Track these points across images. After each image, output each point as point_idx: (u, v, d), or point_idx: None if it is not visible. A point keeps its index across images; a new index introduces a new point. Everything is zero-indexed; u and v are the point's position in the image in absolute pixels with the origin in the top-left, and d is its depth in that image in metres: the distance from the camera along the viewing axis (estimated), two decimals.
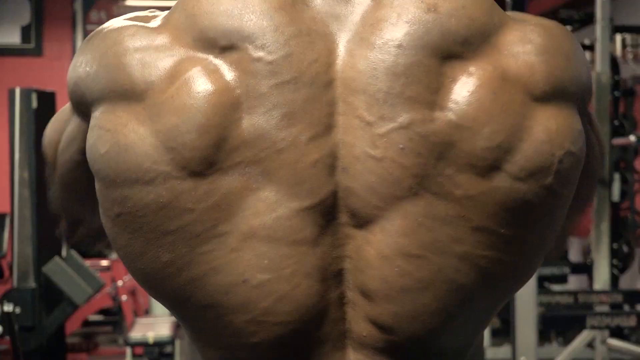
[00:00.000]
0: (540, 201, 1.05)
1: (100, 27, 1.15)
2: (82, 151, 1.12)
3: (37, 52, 9.28)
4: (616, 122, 6.82)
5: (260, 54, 1.03)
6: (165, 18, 1.10)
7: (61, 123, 1.23)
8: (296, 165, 1.01)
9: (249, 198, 1.02)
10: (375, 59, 1.04)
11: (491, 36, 1.07)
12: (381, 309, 1.04)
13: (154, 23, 1.10)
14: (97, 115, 1.07)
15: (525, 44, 1.07)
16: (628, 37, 7.62)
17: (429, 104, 1.02)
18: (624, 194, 7.09)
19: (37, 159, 6.06)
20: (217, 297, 1.04)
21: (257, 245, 1.02)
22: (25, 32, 9.29)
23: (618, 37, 7.52)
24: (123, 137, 1.04)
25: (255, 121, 1.02)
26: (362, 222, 1.03)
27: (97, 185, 1.09)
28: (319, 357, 1.06)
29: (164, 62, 1.05)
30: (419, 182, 1.02)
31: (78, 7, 9.32)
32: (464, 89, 1.03)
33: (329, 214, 1.03)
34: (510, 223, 1.04)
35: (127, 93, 1.05)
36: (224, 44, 1.04)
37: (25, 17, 9.29)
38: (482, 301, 1.08)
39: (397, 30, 1.05)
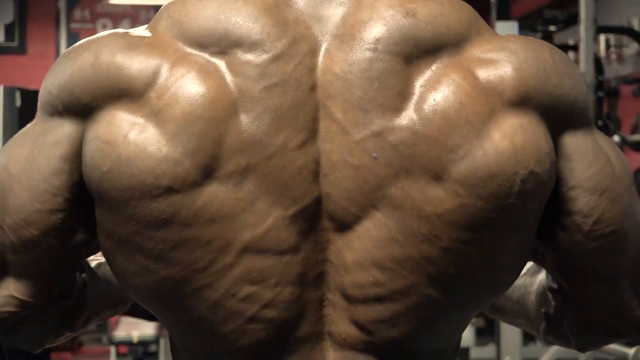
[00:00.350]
0: (504, 220, 1.06)
1: (86, 39, 1.13)
2: (66, 158, 1.09)
3: (21, 50, 9.26)
4: (600, 123, 6.83)
5: (249, 57, 1.03)
6: (151, 27, 1.10)
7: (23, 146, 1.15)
8: (283, 172, 1.03)
9: (242, 209, 1.03)
10: (352, 62, 1.04)
11: (465, 45, 1.07)
12: (360, 312, 1.07)
13: (141, 32, 1.10)
14: (95, 125, 1.06)
15: (499, 52, 1.07)
16: (612, 37, 7.66)
17: (399, 112, 1.03)
18: None
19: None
20: (206, 312, 1.06)
21: (249, 259, 1.04)
22: (9, 30, 9.28)
23: (602, 38, 7.56)
24: (124, 150, 1.03)
25: (248, 127, 1.02)
26: (341, 227, 1.05)
27: (99, 209, 1.08)
28: (299, 357, 1.09)
29: (159, 65, 1.04)
30: (392, 194, 1.03)
31: (62, 5, 9.30)
32: (432, 97, 1.03)
33: (312, 219, 1.05)
34: (478, 242, 1.05)
35: (126, 95, 1.04)
36: (213, 48, 1.04)
37: (9, 15, 9.27)
38: (456, 312, 1.12)
39: (373, 34, 1.05)
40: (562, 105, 1.09)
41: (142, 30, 1.11)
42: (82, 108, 1.07)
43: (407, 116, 1.03)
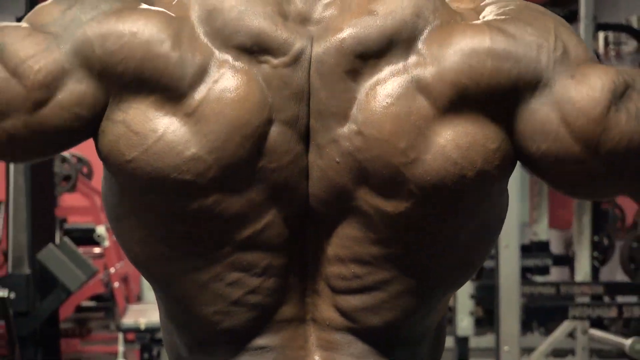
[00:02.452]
0: (464, 211, 1.08)
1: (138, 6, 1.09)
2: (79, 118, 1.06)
3: None
4: None
5: (275, 62, 1.04)
6: (182, 13, 1.08)
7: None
8: (290, 176, 1.05)
9: (248, 209, 1.05)
10: (321, 71, 1.05)
11: (417, 42, 1.06)
12: (343, 301, 1.09)
13: (175, 18, 1.07)
14: (125, 108, 1.05)
15: (441, 48, 1.05)
16: (610, 35, 7.65)
17: (350, 118, 1.04)
18: None
19: None
20: (193, 291, 1.09)
21: (243, 252, 1.07)
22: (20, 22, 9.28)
23: (601, 35, 7.55)
24: (154, 145, 1.03)
25: (273, 134, 1.04)
26: (322, 224, 1.08)
27: (116, 186, 1.09)
28: (283, 338, 1.10)
29: (201, 67, 1.04)
30: (357, 196, 1.05)
31: None
32: (383, 102, 1.03)
33: (301, 217, 1.07)
34: (443, 234, 1.08)
35: (168, 91, 1.03)
36: (235, 45, 1.04)
37: (21, 8, 9.27)
38: (435, 298, 1.13)
39: (338, 39, 1.05)
40: (504, 89, 1.05)
41: (173, 13, 1.08)
42: (119, 84, 1.05)
43: (359, 122, 1.04)
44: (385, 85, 1.04)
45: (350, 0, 1.07)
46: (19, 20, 7.63)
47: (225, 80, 1.03)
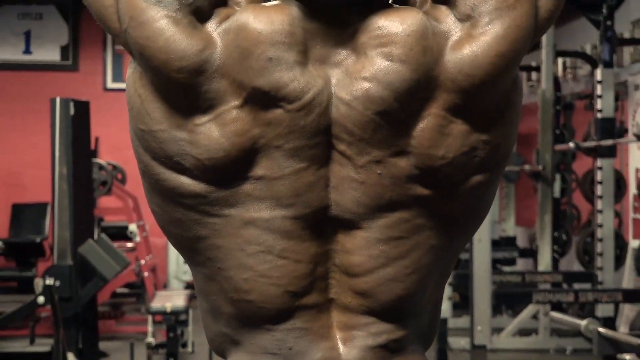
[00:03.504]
0: (472, 204, 1.13)
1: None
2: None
3: (74, 67, 9.26)
4: (558, 131, 6.83)
5: (289, 106, 1.05)
6: (221, 32, 1.08)
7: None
8: (295, 184, 1.07)
9: (252, 200, 1.08)
10: (351, 110, 1.06)
11: (433, 72, 1.06)
12: (362, 282, 1.09)
13: (215, 22, 1.08)
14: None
15: (460, 73, 1.07)
16: (568, 60, 7.65)
17: (392, 145, 1.06)
18: (563, 191, 7.11)
19: (74, 157, 6.06)
20: (220, 255, 1.11)
21: (253, 231, 1.08)
22: (64, 51, 9.27)
23: (560, 60, 7.55)
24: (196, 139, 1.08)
25: (267, 157, 1.06)
26: (348, 226, 1.09)
27: (156, 193, 1.13)
28: (308, 319, 1.10)
29: (228, 102, 1.06)
30: (394, 196, 1.08)
31: None
32: (424, 129, 1.07)
33: (321, 220, 1.08)
34: (450, 223, 1.12)
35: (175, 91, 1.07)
36: (259, 88, 1.04)
37: (64, 39, 9.27)
38: (441, 270, 1.16)
39: (366, 82, 1.05)
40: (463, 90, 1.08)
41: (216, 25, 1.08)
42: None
43: (404, 144, 1.07)
44: (425, 118, 1.07)
45: (363, 44, 1.07)
46: (63, 50, 7.48)
47: (227, 115, 1.05)
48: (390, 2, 1.11)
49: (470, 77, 1.05)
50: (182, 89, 1.05)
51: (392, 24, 1.06)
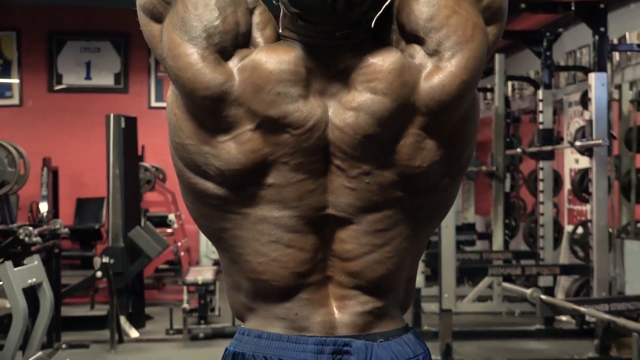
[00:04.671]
0: (440, 201, 1.13)
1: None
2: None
3: (125, 90, 9.25)
4: (508, 140, 6.82)
5: (295, 131, 1.05)
6: (239, 68, 1.07)
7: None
8: (299, 192, 1.07)
9: (265, 202, 1.08)
10: (344, 133, 1.06)
11: (410, 100, 1.06)
12: (352, 265, 1.09)
13: (237, 59, 1.07)
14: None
15: (436, 104, 1.06)
16: (516, 83, 7.67)
17: (378, 160, 1.07)
18: (512, 187, 7.11)
19: (124, 161, 6.08)
20: (240, 243, 1.11)
21: (266, 226, 1.08)
22: (117, 77, 9.26)
23: (509, 83, 7.55)
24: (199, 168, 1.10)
25: (277, 170, 1.07)
26: (343, 222, 1.09)
27: (190, 192, 1.14)
28: (310, 292, 1.10)
29: (246, 125, 1.06)
30: (379, 199, 1.08)
31: (152, 61, 9.30)
32: (404, 147, 1.07)
33: (320, 217, 1.09)
34: (422, 217, 1.13)
35: (201, 119, 1.07)
36: (270, 117, 1.05)
37: (117, 67, 9.25)
38: (414, 254, 1.16)
39: (355, 111, 1.05)
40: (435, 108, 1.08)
41: (236, 61, 1.07)
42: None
43: (386, 161, 1.07)
44: (404, 138, 1.07)
45: (353, 79, 1.06)
46: (116, 76, 7.43)
47: (243, 136, 1.05)
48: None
49: (440, 102, 1.05)
50: (207, 113, 1.05)
51: (377, 63, 1.06)
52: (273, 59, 1.05)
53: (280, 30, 1.11)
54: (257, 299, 1.12)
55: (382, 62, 1.05)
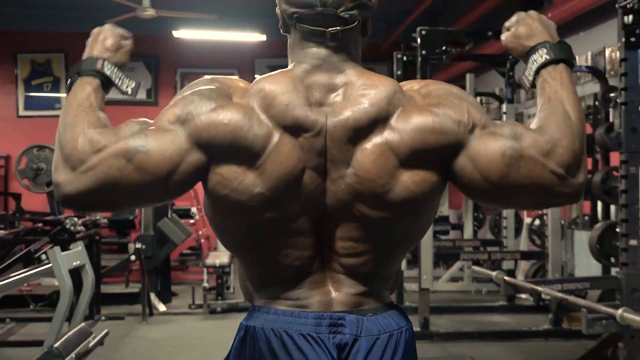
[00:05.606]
0: (414, 217, 1.09)
1: (221, 93, 1.07)
2: (189, 182, 1.07)
3: (155, 103, 9.24)
4: None
5: (306, 135, 1.04)
6: (247, 99, 1.06)
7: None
8: (314, 196, 1.06)
9: (291, 215, 1.07)
10: (334, 135, 1.05)
11: (390, 120, 1.05)
12: (346, 260, 1.09)
13: (240, 98, 1.07)
14: (220, 166, 1.05)
15: (406, 125, 1.05)
16: (484, 98, 7.65)
17: (348, 163, 1.05)
18: None
19: None
20: (259, 257, 1.11)
21: (291, 234, 1.08)
22: (149, 93, 9.27)
23: (478, 98, 7.54)
24: (238, 187, 1.04)
25: (306, 175, 1.05)
26: (334, 222, 1.08)
27: (213, 204, 1.09)
28: (311, 278, 1.10)
29: (266, 139, 1.03)
30: (354, 207, 1.06)
31: (178, 77, 9.29)
32: (370, 157, 1.04)
33: (320, 215, 1.07)
34: (401, 230, 1.10)
35: (243, 154, 1.03)
36: (287, 123, 1.04)
37: (149, 84, 9.25)
38: (399, 255, 1.14)
39: (346, 123, 1.05)
40: (440, 150, 1.05)
41: (241, 95, 1.07)
42: (217, 153, 1.04)
43: (357, 168, 1.05)
44: (372, 147, 1.04)
45: (349, 93, 1.07)
46: (148, 92, 7.41)
47: (278, 147, 1.03)
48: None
49: (407, 132, 1.05)
50: (247, 142, 1.04)
51: (373, 84, 1.07)
52: (271, 82, 1.06)
53: (289, 59, 1.13)
54: (267, 284, 1.12)
55: (379, 84, 1.07)
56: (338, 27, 1.08)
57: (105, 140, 1.03)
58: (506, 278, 3.93)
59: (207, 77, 1.11)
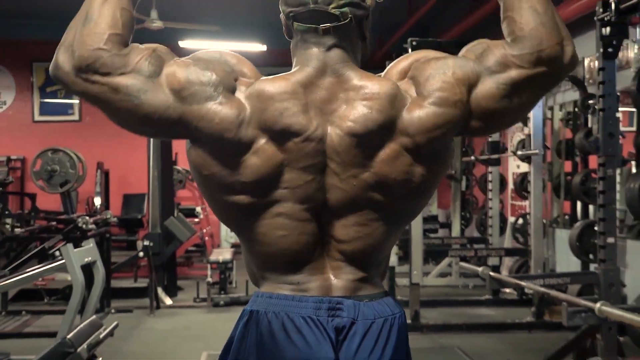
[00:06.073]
0: (411, 208, 1.12)
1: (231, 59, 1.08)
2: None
3: None
4: (464, 149, 6.82)
5: (296, 139, 1.04)
6: (246, 92, 1.06)
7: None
8: (307, 190, 1.06)
9: (280, 201, 1.07)
10: (340, 140, 1.05)
11: (397, 122, 1.05)
12: (344, 247, 1.09)
13: (242, 91, 1.06)
14: (201, 146, 1.07)
15: (410, 123, 1.04)
16: None
17: (363, 165, 1.05)
18: (467, 187, 7.11)
19: (161, 165, 6.06)
20: (259, 233, 1.09)
21: (281, 218, 1.07)
22: None
23: None
24: (217, 171, 1.06)
25: (291, 172, 1.05)
26: (336, 213, 1.08)
27: (201, 184, 1.11)
28: (312, 264, 1.10)
29: (247, 135, 1.04)
30: (363, 200, 1.07)
31: None
32: (385, 159, 1.05)
33: (321, 210, 1.08)
34: (394, 220, 1.11)
35: (226, 149, 1.04)
36: (276, 130, 1.04)
37: None
38: (391, 241, 1.14)
39: (350, 124, 1.04)
40: (442, 143, 1.07)
41: (244, 91, 1.05)
42: (201, 138, 1.05)
43: (369, 167, 1.05)
44: (385, 150, 1.05)
45: (351, 98, 1.06)
46: None
47: (261, 148, 1.04)
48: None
49: (416, 128, 1.05)
50: (232, 141, 1.04)
51: (374, 87, 1.06)
52: (273, 86, 1.05)
53: (292, 60, 1.13)
54: (270, 270, 1.12)
55: (379, 88, 1.05)
56: (329, 24, 1.07)
57: (111, 66, 1.02)
58: (491, 273, 3.93)
59: (225, 54, 1.09)
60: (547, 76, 1.06)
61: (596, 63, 3.52)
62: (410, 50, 4.72)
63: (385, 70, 1.13)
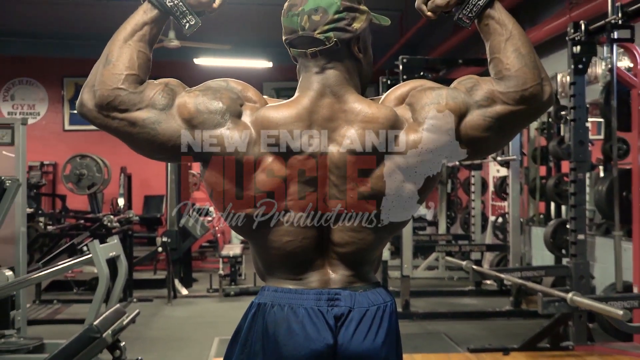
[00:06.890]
0: (399, 210, 1.09)
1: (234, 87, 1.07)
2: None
3: None
4: None
5: (300, 157, 1.04)
6: (253, 117, 1.05)
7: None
8: (310, 200, 1.06)
9: (284, 213, 1.07)
10: (340, 157, 1.05)
11: (393, 142, 1.05)
12: (340, 249, 1.10)
13: (248, 115, 1.05)
14: (210, 167, 1.07)
15: (405, 145, 1.05)
16: None
17: (360, 180, 1.05)
18: (452, 189, 7.10)
19: (178, 169, 6.05)
20: (266, 238, 1.09)
21: (286, 226, 1.07)
22: None
23: None
24: (226, 188, 1.07)
25: (294, 185, 1.05)
26: (334, 220, 1.08)
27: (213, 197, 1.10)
28: (313, 263, 1.10)
29: (254, 153, 1.04)
30: (358, 209, 1.07)
31: None
32: (381, 177, 1.05)
33: (321, 216, 1.07)
34: (388, 225, 1.10)
35: (232, 170, 1.04)
36: (282, 150, 1.04)
37: None
38: (382, 244, 1.14)
39: (347, 144, 1.05)
40: (440, 157, 1.07)
41: (250, 115, 1.05)
42: (210, 161, 1.06)
43: (364, 182, 1.06)
44: (381, 169, 1.06)
45: (352, 118, 1.06)
46: None
47: (268, 165, 1.04)
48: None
49: (410, 149, 1.06)
50: (245, 159, 1.05)
51: (373, 112, 1.06)
52: (278, 113, 1.05)
53: (298, 81, 1.12)
54: (276, 268, 1.12)
55: (378, 112, 1.06)
56: (315, 48, 1.07)
57: (128, 103, 1.03)
58: (474, 267, 3.93)
59: (231, 82, 1.08)
60: (527, 113, 1.08)
61: (568, 78, 3.53)
62: (401, 66, 4.72)
63: (385, 95, 1.13)
